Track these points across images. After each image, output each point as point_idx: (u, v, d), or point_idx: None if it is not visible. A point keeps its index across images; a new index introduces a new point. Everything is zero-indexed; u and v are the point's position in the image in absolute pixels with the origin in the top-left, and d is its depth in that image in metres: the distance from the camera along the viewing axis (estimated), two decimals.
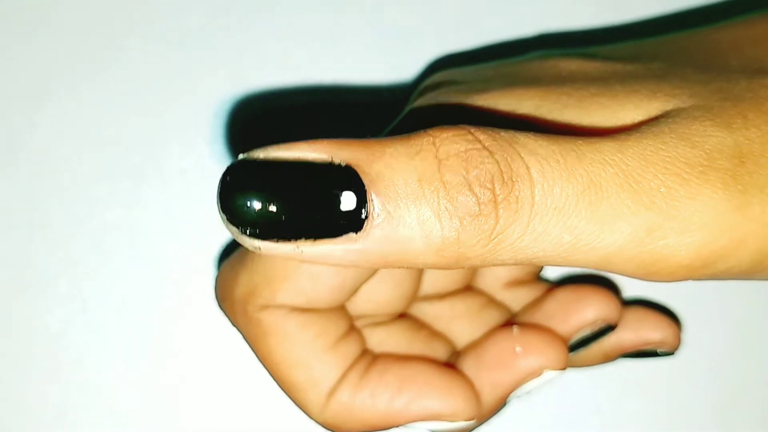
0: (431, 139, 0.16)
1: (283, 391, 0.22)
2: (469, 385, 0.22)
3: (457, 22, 0.28)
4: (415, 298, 0.24)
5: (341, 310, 0.22)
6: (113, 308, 0.27)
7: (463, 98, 0.20)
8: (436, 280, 0.24)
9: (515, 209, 0.16)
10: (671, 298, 0.28)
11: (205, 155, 0.27)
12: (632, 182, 0.16)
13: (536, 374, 0.23)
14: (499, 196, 0.15)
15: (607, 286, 0.26)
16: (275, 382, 0.22)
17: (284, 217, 0.15)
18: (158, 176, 0.27)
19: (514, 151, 0.16)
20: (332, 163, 0.15)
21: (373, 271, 0.22)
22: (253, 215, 0.15)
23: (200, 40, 0.27)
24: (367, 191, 0.15)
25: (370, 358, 0.23)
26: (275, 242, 0.16)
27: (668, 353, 0.26)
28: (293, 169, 0.16)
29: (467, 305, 0.25)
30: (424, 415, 0.22)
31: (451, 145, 0.16)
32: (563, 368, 0.23)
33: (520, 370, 0.23)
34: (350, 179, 0.15)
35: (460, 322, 0.25)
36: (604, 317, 0.24)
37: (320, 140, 0.16)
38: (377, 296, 0.23)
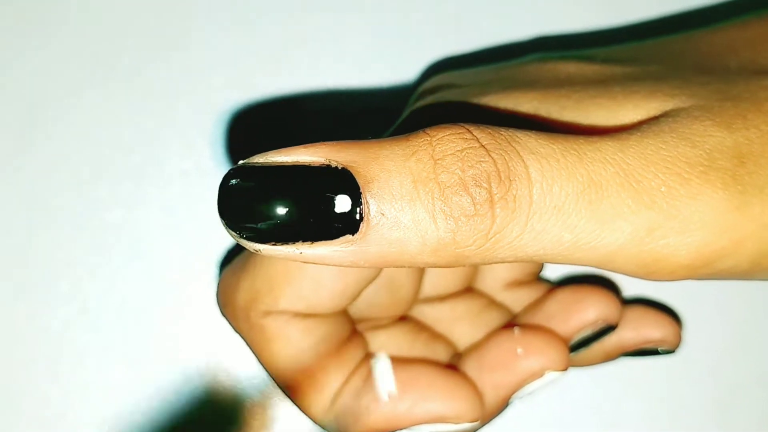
0: (428, 138, 0.16)
1: (286, 395, 0.22)
2: (472, 386, 0.22)
3: (455, 25, 0.28)
4: (415, 300, 0.24)
5: (343, 314, 0.23)
6: (114, 309, 0.27)
7: (461, 101, 0.20)
8: (436, 281, 0.25)
9: (513, 208, 0.16)
10: (671, 296, 0.28)
11: (205, 156, 0.27)
12: (633, 181, 0.16)
13: (538, 375, 0.23)
14: (495, 195, 0.16)
15: (607, 285, 0.26)
16: (279, 387, 0.22)
17: (283, 220, 0.15)
18: (159, 177, 0.27)
19: (512, 149, 0.16)
20: (329, 165, 0.16)
21: (374, 275, 0.22)
22: (252, 219, 0.16)
23: (202, 42, 0.27)
24: (362, 193, 0.15)
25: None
26: (274, 245, 0.16)
27: (669, 352, 0.26)
28: (291, 172, 0.16)
29: (468, 307, 0.25)
30: (428, 417, 0.22)
31: (447, 144, 0.16)
32: (565, 369, 0.23)
33: (521, 371, 0.23)
34: (347, 181, 0.15)
35: (461, 323, 0.25)
36: (604, 317, 0.24)
37: (317, 144, 0.16)
38: (378, 300, 0.23)
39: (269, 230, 0.16)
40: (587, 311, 0.24)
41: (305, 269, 0.21)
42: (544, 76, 0.21)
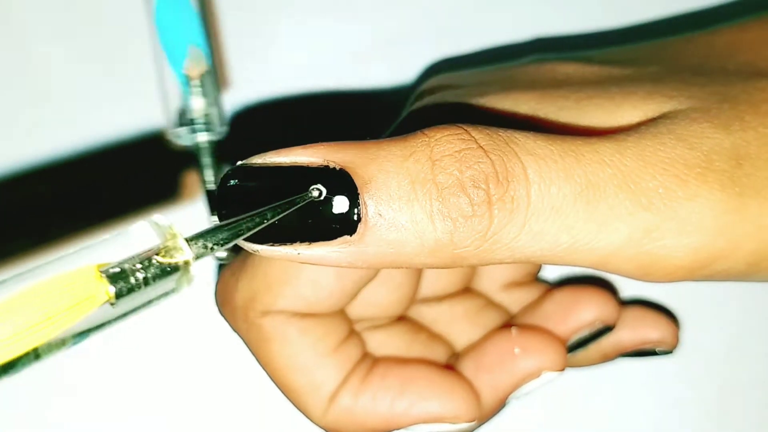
0: (426, 139, 0.16)
1: (285, 395, 0.22)
2: (469, 386, 0.22)
3: (454, 26, 0.28)
4: (413, 300, 0.24)
5: (341, 314, 0.23)
6: None
7: (460, 102, 0.20)
8: (434, 282, 0.25)
9: (510, 209, 0.16)
10: (669, 297, 0.28)
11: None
12: (630, 183, 0.16)
13: (535, 375, 0.23)
14: (493, 196, 0.16)
15: (605, 286, 0.26)
16: (277, 386, 0.22)
17: (281, 220, 0.16)
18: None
19: (510, 150, 0.16)
20: (327, 166, 0.16)
21: (372, 275, 0.22)
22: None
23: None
24: (360, 194, 0.15)
25: (370, 361, 0.23)
26: (272, 245, 0.16)
27: (667, 352, 0.26)
28: (290, 173, 0.16)
29: (466, 307, 0.25)
30: (425, 417, 0.22)
31: (445, 145, 0.16)
32: (562, 369, 0.23)
33: (519, 371, 0.23)
34: (344, 182, 0.15)
35: (459, 324, 0.25)
36: (602, 318, 0.24)
37: (315, 144, 0.16)
38: (376, 299, 0.23)
39: (267, 230, 0.16)
40: (585, 312, 0.24)
41: (303, 269, 0.21)
42: (542, 77, 0.21)
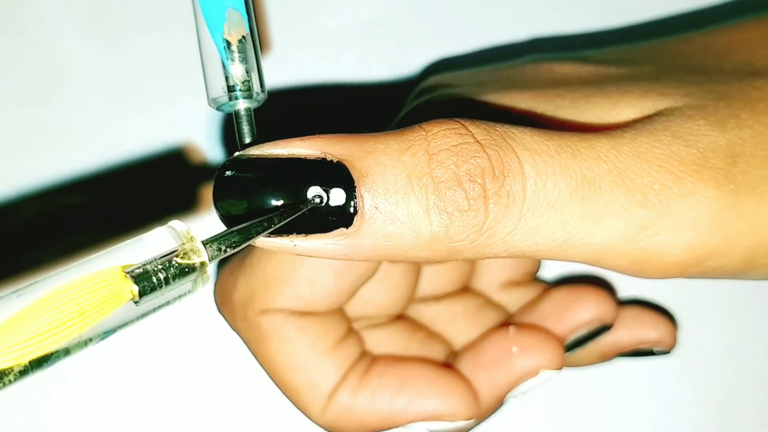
0: (423, 133, 0.16)
1: (283, 393, 0.22)
2: (467, 385, 0.23)
3: (453, 26, 0.28)
4: (412, 299, 0.24)
5: (339, 312, 0.23)
6: None
7: (458, 99, 0.20)
8: (433, 281, 0.25)
9: (506, 204, 0.16)
10: (667, 297, 0.28)
11: (207, 157, 0.27)
12: (626, 179, 0.16)
13: (533, 374, 0.23)
14: (489, 190, 0.16)
15: (602, 286, 0.26)
16: (276, 385, 0.22)
17: (277, 212, 0.16)
18: (160, 178, 0.27)
19: (507, 145, 0.16)
20: (324, 159, 0.16)
21: (370, 273, 0.22)
22: (247, 210, 0.16)
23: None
24: (356, 187, 0.15)
25: (369, 359, 0.23)
26: (269, 236, 0.16)
27: (664, 352, 0.26)
28: (286, 165, 0.16)
29: (464, 306, 0.25)
30: (424, 415, 0.22)
31: (442, 139, 0.16)
32: (560, 368, 0.23)
33: (516, 370, 0.23)
34: (342, 175, 0.16)
35: (457, 322, 0.25)
36: (599, 317, 0.24)
37: (312, 136, 0.16)
38: (375, 298, 0.23)
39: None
40: (582, 311, 0.24)
41: (301, 268, 0.21)
42: (540, 76, 0.21)
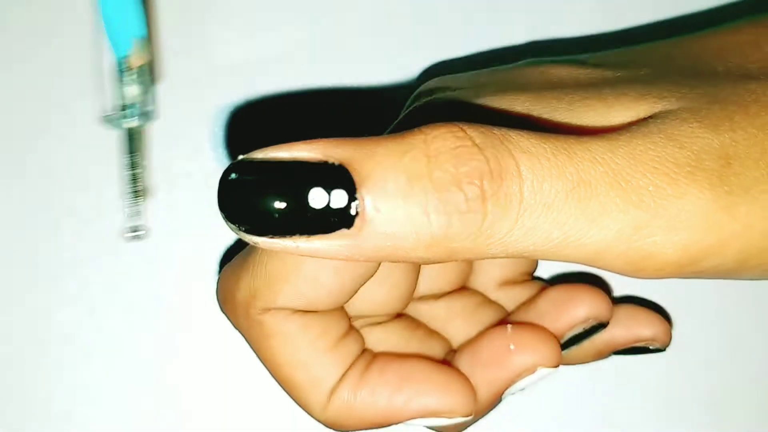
0: (423, 136, 0.16)
1: (285, 391, 0.22)
2: (466, 381, 0.23)
3: (451, 29, 0.28)
4: (411, 298, 0.24)
5: (340, 311, 0.23)
6: (120, 310, 0.27)
7: (457, 102, 0.21)
8: (432, 280, 0.25)
9: (504, 205, 0.16)
10: (662, 295, 0.28)
11: (209, 159, 0.28)
12: (621, 180, 0.16)
13: (530, 371, 0.23)
14: (487, 192, 0.16)
15: (598, 285, 0.26)
16: (277, 382, 0.22)
17: (280, 214, 0.16)
18: (164, 180, 0.27)
19: (504, 147, 0.16)
20: (326, 162, 0.16)
21: (371, 273, 0.22)
22: (251, 212, 0.16)
23: (203, 45, 0.28)
24: (357, 189, 0.16)
25: (369, 356, 0.23)
26: (272, 238, 0.16)
27: (659, 350, 0.26)
28: (290, 168, 0.16)
29: (463, 305, 0.25)
30: (423, 411, 0.22)
31: (441, 142, 0.16)
32: (556, 365, 0.23)
33: (514, 367, 0.23)
34: (343, 177, 0.16)
35: (455, 321, 0.25)
36: (595, 315, 0.25)
37: (315, 140, 0.16)
38: (375, 297, 0.23)
39: (267, 223, 0.16)
40: (578, 309, 0.24)
41: (303, 267, 0.21)
42: (537, 79, 0.21)
